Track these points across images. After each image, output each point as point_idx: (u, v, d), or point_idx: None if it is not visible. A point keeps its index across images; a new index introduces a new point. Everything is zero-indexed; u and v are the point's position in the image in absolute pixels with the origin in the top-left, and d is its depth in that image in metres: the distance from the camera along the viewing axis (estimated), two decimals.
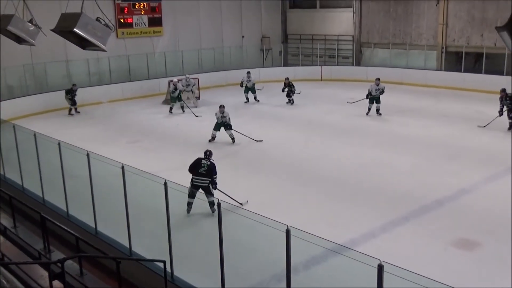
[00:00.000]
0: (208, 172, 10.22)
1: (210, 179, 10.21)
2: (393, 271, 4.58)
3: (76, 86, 20.87)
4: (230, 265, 6.74)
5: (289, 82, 21.78)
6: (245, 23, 30.04)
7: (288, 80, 21.84)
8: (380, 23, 28.23)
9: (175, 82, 20.61)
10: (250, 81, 22.35)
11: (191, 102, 21.75)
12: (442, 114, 19.28)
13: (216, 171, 10.29)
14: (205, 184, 10.17)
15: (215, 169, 10.29)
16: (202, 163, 10.32)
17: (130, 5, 25.02)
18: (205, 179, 10.20)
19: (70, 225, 9.26)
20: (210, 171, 10.23)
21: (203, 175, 10.21)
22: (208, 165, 10.28)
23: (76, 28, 7.72)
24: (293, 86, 21.73)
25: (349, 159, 14.01)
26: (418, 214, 10.22)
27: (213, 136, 15.83)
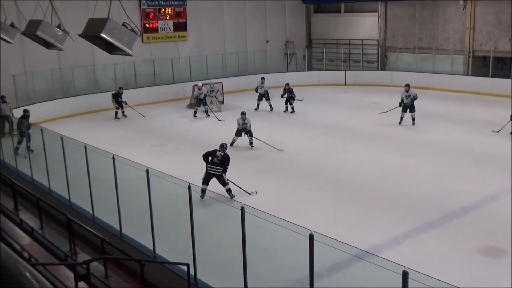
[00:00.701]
0: (221, 162, 11.16)
1: (223, 169, 11.12)
2: (418, 278, 4.52)
3: (122, 89, 21.20)
4: (252, 269, 6.75)
5: (289, 88, 21.00)
6: (269, 28, 30.08)
7: (288, 86, 21.10)
8: (405, 27, 27.97)
9: (200, 86, 20.77)
10: (262, 87, 21.79)
11: (215, 107, 21.88)
12: (468, 119, 19.00)
13: (229, 162, 11.30)
14: (218, 173, 11.12)
15: (229, 161, 11.31)
16: (217, 153, 11.33)
17: (156, 10, 25.30)
18: (218, 168, 11.13)
19: (95, 227, 9.37)
20: (224, 161, 11.19)
21: (217, 164, 11.14)
22: (222, 156, 11.26)
23: (103, 33, 7.82)
24: (293, 93, 20.92)
25: (372, 165, 13.89)
26: (443, 221, 10.07)
27: (233, 141, 15.88)
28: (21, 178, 12.60)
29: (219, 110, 21.75)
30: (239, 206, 6.54)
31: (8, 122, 16.59)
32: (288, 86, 21.05)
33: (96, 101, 22.45)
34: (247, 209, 6.48)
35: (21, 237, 8.71)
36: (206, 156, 11.35)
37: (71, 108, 21.47)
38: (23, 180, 12.49)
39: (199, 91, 20.67)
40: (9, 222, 9.49)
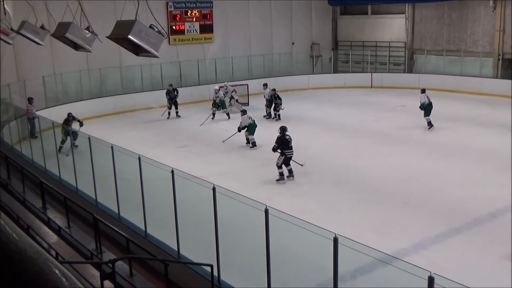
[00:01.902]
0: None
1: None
2: (444, 284, 4.46)
3: (172, 86, 21.54)
4: (276, 271, 6.74)
5: (275, 94, 20.30)
6: (295, 30, 30.02)
7: (274, 92, 20.44)
8: (433, 29, 27.61)
9: (217, 89, 21.01)
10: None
11: (233, 108, 21.95)
12: (498, 123, 18.63)
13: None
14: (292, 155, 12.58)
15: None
16: (288, 138, 12.57)
17: (183, 12, 25.49)
18: (292, 151, 12.61)
19: (121, 227, 9.46)
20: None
21: (291, 147, 12.46)
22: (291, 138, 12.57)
23: (131, 35, 7.91)
24: (280, 99, 20.22)
25: (398, 168, 13.74)
26: (470, 226, 9.90)
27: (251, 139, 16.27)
28: (50, 178, 12.82)
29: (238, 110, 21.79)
30: (264, 208, 6.53)
31: (30, 123, 16.88)
32: (275, 92, 20.44)
33: (123, 102, 22.76)
34: (271, 211, 6.48)
35: (48, 235, 8.86)
36: (282, 143, 12.49)
37: (99, 109, 21.78)
38: (51, 179, 12.71)
39: (215, 94, 20.89)
40: (37, 221, 9.67)
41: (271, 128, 18.96)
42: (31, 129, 16.90)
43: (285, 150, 12.44)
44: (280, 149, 12.56)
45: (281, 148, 12.52)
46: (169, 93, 21.29)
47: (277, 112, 20.42)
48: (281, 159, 12.50)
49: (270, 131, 18.47)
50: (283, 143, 12.52)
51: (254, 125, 16.31)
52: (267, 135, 17.80)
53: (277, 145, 12.55)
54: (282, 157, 12.50)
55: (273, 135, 14.26)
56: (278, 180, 12.69)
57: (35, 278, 1.00)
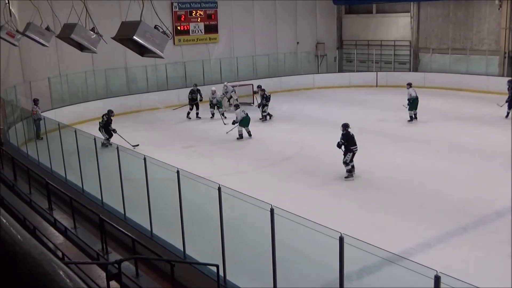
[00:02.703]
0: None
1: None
2: (450, 283, 4.44)
3: (196, 85, 21.54)
4: (282, 272, 6.73)
5: (264, 94, 19.92)
6: (299, 29, 29.99)
7: (262, 90, 20.15)
8: (439, 27, 27.51)
9: (214, 90, 21.05)
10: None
11: (231, 108, 21.95)
12: (504, 121, 18.55)
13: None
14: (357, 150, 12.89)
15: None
16: (352, 134, 12.90)
17: (187, 13, 25.52)
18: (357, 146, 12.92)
19: (127, 227, 9.48)
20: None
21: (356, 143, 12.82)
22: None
23: (136, 36, 7.93)
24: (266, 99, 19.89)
25: (404, 167, 13.70)
26: (476, 225, 9.87)
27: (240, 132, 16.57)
28: (56, 179, 12.87)
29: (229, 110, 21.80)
30: (269, 208, 6.53)
31: (36, 124, 16.93)
32: (263, 92, 20.10)
33: (128, 103, 22.81)
34: (276, 211, 6.48)
35: (55, 236, 8.89)
36: (350, 140, 12.79)
37: (105, 110, 21.74)
38: (57, 180, 12.75)
39: (212, 95, 20.88)
40: (44, 222, 9.70)
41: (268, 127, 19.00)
42: (36, 130, 16.96)
43: (351, 146, 12.77)
44: (345, 145, 12.85)
45: (346, 145, 12.82)
46: (192, 93, 21.26)
47: (263, 112, 20.09)
48: (350, 155, 12.78)
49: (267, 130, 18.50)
50: (349, 139, 12.81)
51: (248, 118, 16.63)
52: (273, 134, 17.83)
53: (343, 141, 12.82)
54: (350, 154, 12.79)
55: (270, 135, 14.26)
56: (347, 177, 12.84)
57: (39, 279, 1.00)
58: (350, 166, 12.84)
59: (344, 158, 12.86)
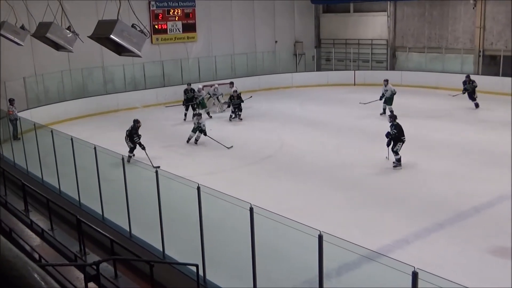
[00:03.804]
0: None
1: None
2: (427, 279, 4.50)
3: (190, 85, 20.97)
4: (262, 270, 6.74)
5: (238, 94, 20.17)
6: (278, 28, 30.06)
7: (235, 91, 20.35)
8: (415, 26, 27.84)
9: (200, 88, 20.91)
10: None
11: (218, 109, 21.94)
12: (480, 119, 18.87)
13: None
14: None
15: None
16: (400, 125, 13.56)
17: (165, 12, 25.37)
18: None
19: (105, 228, 9.41)
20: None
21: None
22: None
23: (113, 35, 7.86)
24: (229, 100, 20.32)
25: (382, 165, 13.84)
26: (453, 221, 10.02)
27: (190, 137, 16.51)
28: (32, 180, 12.69)
29: (223, 110, 21.76)
30: (249, 207, 6.54)
31: (12, 124, 16.66)
32: (235, 91, 20.43)
33: (105, 102, 22.60)
34: (256, 209, 6.48)
35: (31, 238, 8.77)
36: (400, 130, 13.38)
37: (81, 110, 21.61)
38: (34, 181, 12.58)
39: (198, 93, 20.71)
40: (20, 223, 9.55)
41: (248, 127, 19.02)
42: (13, 130, 16.70)
43: (402, 136, 13.44)
44: (396, 136, 13.41)
45: (397, 135, 13.40)
46: (186, 92, 20.77)
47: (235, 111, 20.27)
48: (400, 145, 13.38)
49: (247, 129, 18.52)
50: (400, 130, 13.41)
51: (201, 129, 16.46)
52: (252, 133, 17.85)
53: (395, 131, 13.38)
54: (400, 143, 13.38)
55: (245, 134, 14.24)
56: (396, 166, 13.41)
57: (14, 282, 0.98)
58: (399, 156, 13.43)
59: (395, 147, 13.47)
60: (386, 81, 20.28)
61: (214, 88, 22.17)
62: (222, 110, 21.94)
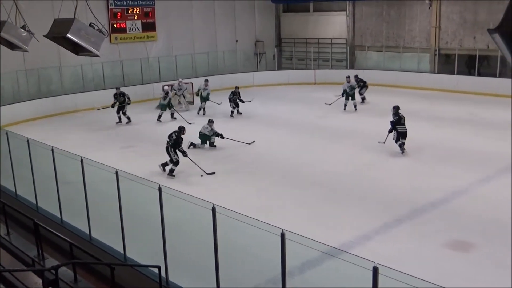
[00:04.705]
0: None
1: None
2: (388, 274, 4.58)
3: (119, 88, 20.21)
4: (225, 270, 6.73)
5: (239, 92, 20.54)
6: (238, 27, 30.08)
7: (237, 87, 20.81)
8: (373, 26, 28.34)
9: (167, 89, 20.56)
10: (206, 90, 21.20)
11: (183, 107, 21.76)
12: (436, 116, 19.33)
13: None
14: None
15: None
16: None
17: (124, 10, 25.01)
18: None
19: (64, 232, 9.22)
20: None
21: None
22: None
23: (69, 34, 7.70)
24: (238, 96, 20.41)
25: (342, 163, 14.02)
26: (412, 216, 10.24)
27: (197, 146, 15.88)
28: None
29: (187, 110, 21.62)
30: (211, 207, 6.51)
31: None
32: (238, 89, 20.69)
33: (63, 103, 22.12)
34: (218, 209, 6.46)
35: None
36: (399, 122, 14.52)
37: (38, 111, 21.06)
38: None
39: (165, 95, 20.35)
40: None
41: None
42: None
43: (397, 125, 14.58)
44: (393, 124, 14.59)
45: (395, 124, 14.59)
46: (115, 96, 19.96)
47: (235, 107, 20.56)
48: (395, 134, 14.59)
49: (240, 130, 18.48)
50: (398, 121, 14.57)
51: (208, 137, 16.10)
52: None
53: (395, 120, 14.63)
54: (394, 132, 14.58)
55: None
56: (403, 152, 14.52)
57: None
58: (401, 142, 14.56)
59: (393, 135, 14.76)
60: (348, 77, 20.93)
61: (179, 83, 21.90)
62: (188, 109, 21.75)
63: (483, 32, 23.43)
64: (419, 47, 26.40)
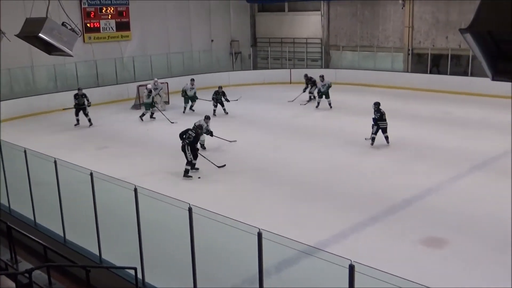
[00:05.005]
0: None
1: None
2: (364, 271, 4.63)
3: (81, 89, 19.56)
4: (202, 270, 6.72)
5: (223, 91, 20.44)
6: (214, 27, 30.01)
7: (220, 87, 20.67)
8: (347, 26, 28.57)
9: (150, 87, 20.28)
10: (193, 89, 21.15)
11: (159, 106, 21.60)
12: (410, 115, 19.59)
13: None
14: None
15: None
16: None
17: (97, 10, 24.72)
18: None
19: (37, 235, 9.09)
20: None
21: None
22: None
23: (41, 33, 7.60)
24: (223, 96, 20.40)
25: (318, 161, 14.11)
26: (387, 214, 10.36)
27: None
28: None
29: (164, 110, 21.49)
30: (187, 207, 6.49)
31: None
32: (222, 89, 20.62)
33: (36, 103, 21.76)
34: (195, 209, 6.45)
35: None
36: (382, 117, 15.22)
37: (10, 112, 20.64)
38: None
39: (149, 93, 20.04)
40: None
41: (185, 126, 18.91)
42: None
43: (380, 121, 15.14)
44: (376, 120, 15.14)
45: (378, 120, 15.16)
46: (76, 97, 19.27)
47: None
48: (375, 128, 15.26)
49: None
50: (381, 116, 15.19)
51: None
52: None
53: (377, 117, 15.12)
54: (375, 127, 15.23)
55: None
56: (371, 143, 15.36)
57: None
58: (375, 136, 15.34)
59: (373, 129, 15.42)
60: (322, 76, 21.31)
61: (154, 82, 21.66)
62: (164, 108, 21.59)
63: (455, 32, 23.83)
64: (393, 46, 26.72)
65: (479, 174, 12.58)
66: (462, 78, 23.43)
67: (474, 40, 3.17)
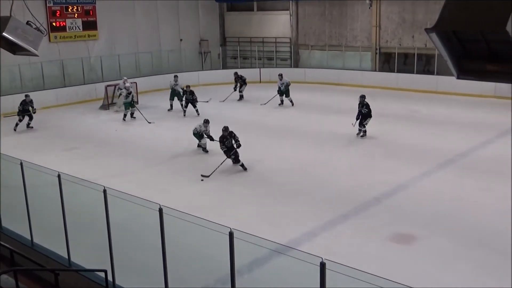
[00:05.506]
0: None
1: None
2: (335, 268, 4.67)
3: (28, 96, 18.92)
4: (173, 271, 6.67)
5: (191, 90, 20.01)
6: (182, 26, 29.82)
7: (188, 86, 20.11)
8: (316, 25, 28.78)
9: (129, 86, 19.93)
10: (177, 85, 21.04)
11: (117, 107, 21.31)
12: (378, 113, 19.79)
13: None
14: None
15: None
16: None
17: (63, 8, 24.28)
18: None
19: (3, 238, 8.88)
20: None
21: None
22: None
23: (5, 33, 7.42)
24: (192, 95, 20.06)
25: (288, 160, 14.18)
26: (356, 212, 10.48)
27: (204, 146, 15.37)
28: None
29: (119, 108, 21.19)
30: (157, 208, 6.44)
31: None
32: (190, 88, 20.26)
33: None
34: (165, 210, 6.40)
35: None
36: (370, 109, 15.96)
37: None
38: None
39: (126, 92, 19.61)
40: None
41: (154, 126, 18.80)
42: None
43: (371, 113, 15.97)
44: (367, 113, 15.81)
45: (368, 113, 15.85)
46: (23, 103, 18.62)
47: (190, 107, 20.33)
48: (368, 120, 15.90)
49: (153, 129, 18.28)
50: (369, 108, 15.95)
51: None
52: (159, 133, 17.61)
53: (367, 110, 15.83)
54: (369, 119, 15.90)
55: None
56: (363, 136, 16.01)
57: None
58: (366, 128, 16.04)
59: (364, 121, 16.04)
60: (280, 75, 21.69)
61: (123, 81, 21.32)
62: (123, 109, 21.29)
63: (421, 32, 24.24)
64: (361, 46, 27.03)
65: (445, 171, 12.84)
66: (428, 76, 23.88)
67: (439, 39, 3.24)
